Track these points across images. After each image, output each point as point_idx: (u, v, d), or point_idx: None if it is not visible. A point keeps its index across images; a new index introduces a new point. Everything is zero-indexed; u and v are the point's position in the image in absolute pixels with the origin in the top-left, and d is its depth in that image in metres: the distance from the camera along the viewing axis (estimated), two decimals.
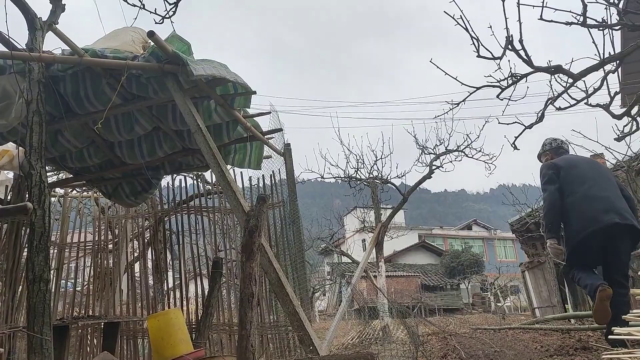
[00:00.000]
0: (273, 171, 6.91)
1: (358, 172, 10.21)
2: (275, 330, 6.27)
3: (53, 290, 6.72)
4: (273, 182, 6.84)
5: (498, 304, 30.71)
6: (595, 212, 4.38)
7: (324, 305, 32.88)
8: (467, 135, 9.76)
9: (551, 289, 13.33)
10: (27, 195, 4.79)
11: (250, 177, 6.89)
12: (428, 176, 9.52)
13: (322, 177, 10.47)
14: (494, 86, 4.71)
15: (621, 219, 4.32)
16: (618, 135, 5.36)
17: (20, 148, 5.60)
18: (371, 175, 10.18)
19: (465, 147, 9.77)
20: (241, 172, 7.04)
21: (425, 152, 9.95)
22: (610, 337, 3.62)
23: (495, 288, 32.17)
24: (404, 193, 9.88)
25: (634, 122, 5.25)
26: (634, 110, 5.31)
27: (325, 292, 32.14)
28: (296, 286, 6.36)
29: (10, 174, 6.06)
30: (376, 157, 10.24)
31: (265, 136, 6.19)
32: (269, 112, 5.92)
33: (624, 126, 5.33)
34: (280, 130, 6.31)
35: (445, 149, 9.89)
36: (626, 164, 8.11)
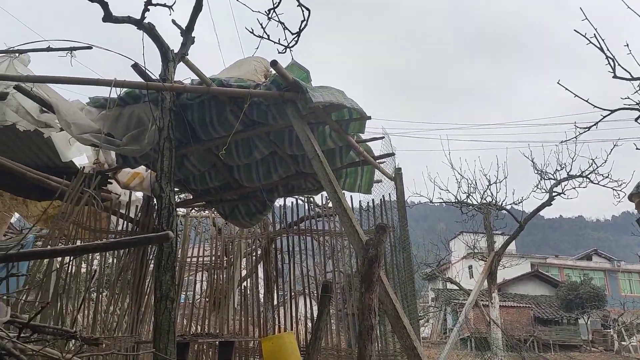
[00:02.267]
0: (383, 196, 6.83)
1: (470, 197, 9.83)
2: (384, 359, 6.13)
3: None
4: (383, 206, 6.76)
5: (622, 343, 27.92)
6: None
7: (427, 332, 31.89)
8: (593, 160, 9.04)
9: None
10: (155, 216, 5.11)
11: (360, 201, 6.87)
12: (548, 203, 8.93)
13: (431, 202, 10.20)
14: (632, 109, 4.30)
15: None
16: None
17: (149, 171, 6.02)
18: (484, 201, 9.74)
19: (590, 173, 9.06)
20: (351, 196, 7.05)
21: (545, 177, 9.36)
22: None
23: (619, 325, 29.31)
24: (521, 220, 9.33)
25: None
26: None
27: (429, 318, 31.18)
28: (406, 315, 6.18)
29: (140, 195, 6.52)
30: (489, 182, 9.81)
31: (377, 161, 6.15)
32: (382, 137, 5.87)
33: None
34: (393, 154, 6.24)
35: (567, 174, 9.22)
36: None
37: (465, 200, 9.92)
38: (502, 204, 9.60)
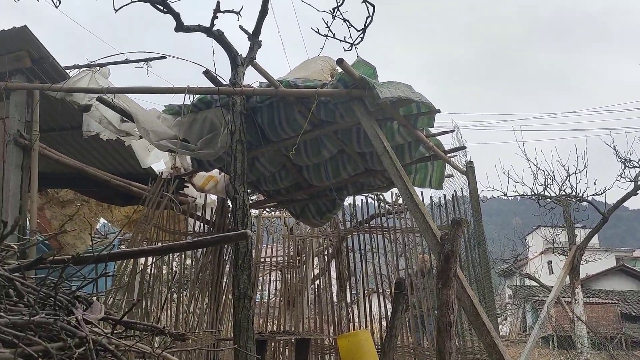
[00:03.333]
0: (455, 190, 6.68)
1: (547, 189, 9.40)
2: (463, 357, 5.99)
3: None
4: (455, 201, 6.61)
5: None
6: None
7: (505, 330, 30.86)
8: None
9: None
10: (229, 217, 5.26)
11: (431, 197, 6.74)
12: (633, 193, 8.39)
13: (506, 195, 9.86)
14: None
15: None
16: None
17: (223, 174, 6.21)
18: (563, 193, 9.28)
19: None
20: (421, 192, 6.95)
21: (629, 165, 8.79)
22: None
23: None
24: (604, 212, 8.83)
25: None
26: None
27: (507, 316, 30.17)
28: (484, 312, 6.02)
29: (215, 197, 6.74)
30: (568, 172, 9.34)
31: (447, 155, 6.02)
32: (453, 130, 5.75)
33: None
34: (464, 148, 6.09)
35: None
36: None
37: (543, 193, 9.51)
38: (582, 195, 9.12)
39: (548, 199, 9.67)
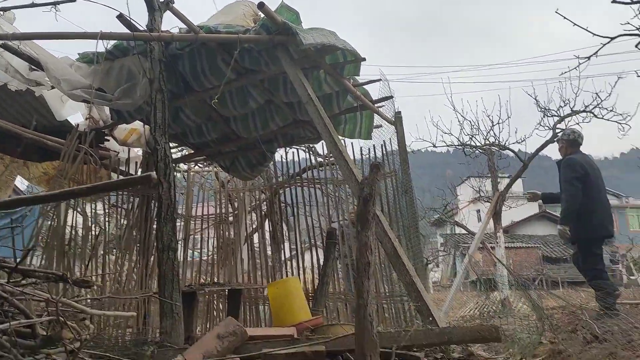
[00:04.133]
0: (384, 141, 6.77)
1: (473, 139, 9.73)
2: (391, 300, 6.23)
3: (181, 259, 7.22)
4: (384, 151, 6.71)
5: (631, 277, 28.29)
6: (607, 220, 5.84)
7: (437, 277, 32.42)
8: (597, 94, 8.86)
9: None
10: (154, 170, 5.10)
11: (360, 148, 6.82)
12: (551, 140, 8.83)
13: (434, 146, 10.12)
14: (632, 34, 4.17)
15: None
16: None
17: (146, 126, 5.98)
18: (487, 142, 9.64)
19: (594, 108, 8.90)
20: (352, 143, 7.03)
21: (548, 114, 9.21)
22: None
23: (627, 260, 29.62)
24: (524, 160, 9.26)
25: None
26: None
27: (439, 263, 31.63)
28: (410, 257, 6.24)
29: (139, 151, 6.52)
30: (492, 122, 9.67)
31: (375, 105, 6.07)
32: (379, 80, 5.78)
33: None
34: (391, 97, 6.15)
35: (571, 110, 9.06)
36: None
37: (469, 142, 9.84)
38: (505, 143, 9.52)
39: (473, 148, 10.02)
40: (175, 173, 5.25)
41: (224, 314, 6.49)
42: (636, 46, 4.25)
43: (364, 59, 4.88)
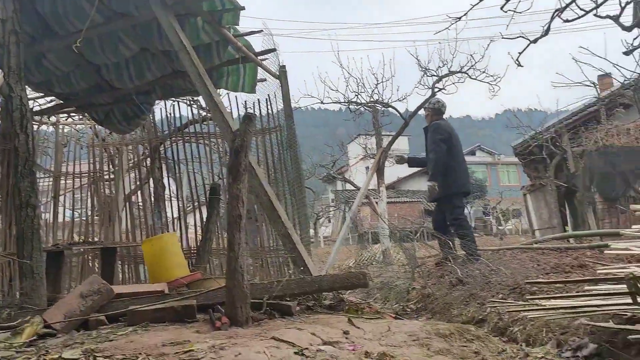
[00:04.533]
0: (269, 95, 6.69)
1: (359, 96, 9.94)
2: (275, 254, 6.30)
3: (52, 219, 6.74)
4: (269, 106, 6.64)
5: (500, 227, 31.13)
6: (466, 178, 6.77)
7: (329, 232, 33.42)
8: (471, 55, 9.40)
9: (551, 210, 13.38)
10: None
11: (245, 102, 6.69)
12: (430, 98, 9.25)
13: (322, 102, 10.21)
14: None
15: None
16: (627, 49, 5.10)
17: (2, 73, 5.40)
18: (372, 100, 9.89)
19: (468, 69, 9.44)
20: (236, 97, 6.87)
21: (428, 74, 9.62)
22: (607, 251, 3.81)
23: (497, 212, 32.50)
24: (406, 118, 9.65)
25: None
26: None
27: (330, 218, 32.58)
28: (295, 211, 6.33)
29: None
30: (377, 80, 9.93)
31: (259, 58, 5.94)
32: (261, 31, 5.64)
33: (634, 39, 5.06)
34: (274, 50, 6.04)
35: (449, 70, 9.54)
36: (634, 83, 7.82)
37: (355, 100, 10.03)
38: (388, 101, 9.83)
39: (359, 105, 10.25)
40: (32, 122, 4.82)
41: (99, 275, 6.21)
42: (501, 8, 4.50)
43: (243, 8, 4.72)
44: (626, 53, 5.09)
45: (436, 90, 9.55)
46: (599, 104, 11.98)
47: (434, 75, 9.63)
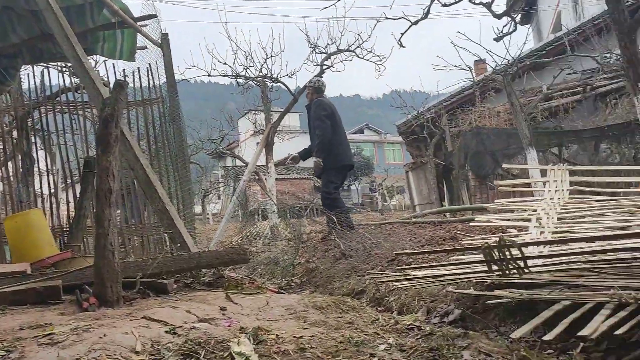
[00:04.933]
0: (150, 64, 6.34)
1: (247, 70, 9.75)
2: (156, 231, 6.06)
3: None
4: (150, 76, 6.28)
5: (385, 203, 32.58)
6: (349, 153, 7.02)
7: (218, 208, 32.94)
8: (359, 34, 9.57)
9: (430, 187, 14.21)
10: None
11: (123, 70, 6.27)
12: (319, 75, 9.32)
13: (209, 75, 9.90)
14: None
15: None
16: (497, 35, 5.47)
17: None
18: (261, 74, 9.76)
19: (356, 47, 9.61)
20: (113, 65, 6.43)
21: (317, 51, 9.66)
22: (472, 223, 4.09)
23: (382, 188, 33.96)
24: (295, 94, 9.64)
25: (513, 22, 5.34)
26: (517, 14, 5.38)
27: (220, 195, 32.10)
28: (177, 186, 6.12)
29: None
30: (266, 55, 9.79)
31: (139, 24, 5.60)
32: None
33: (503, 26, 5.42)
34: (155, 16, 5.72)
35: (337, 48, 9.65)
36: (503, 69, 8.42)
37: (243, 73, 9.84)
38: (277, 76, 9.76)
39: (247, 79, 10.08)
40: None
41: None
42: None
43: None
44: (496, 39, 5.46)
45: (325, 67, 9.64)
46: (474, 88, 12.81)
47: (323, 53, 9.70)
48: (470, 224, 4.44)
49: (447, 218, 7.94)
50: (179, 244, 3.27)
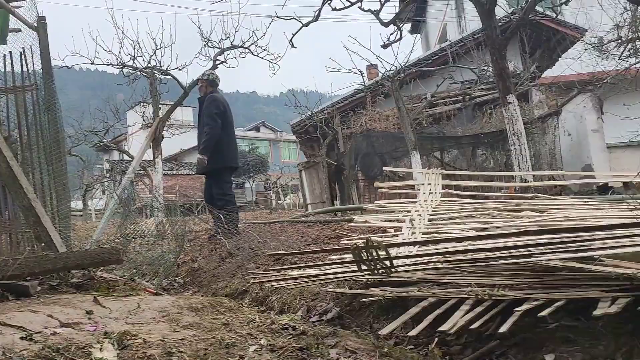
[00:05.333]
0: (24, 48, 5.84)
1: (135, 60, 9.29)
2: (27, 228, 5.59)
3: None
4: (24, 61, 5.79)
5: (279, 202, 32.73)
6: (236, 154, 6.85)
7: (102, 204, 31.20)
8: (254, 32, 9.50)
9: (323, 186, 14.47)
10: None
11: None
12: (213, 68, 9.13)
13: (92, 63, 9.30)
14: None
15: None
16: (384, 42, 5.69)
17: None
18: (149, 65, 9.35)
19: (250, 44, 9.53)
20: None
21: (210, 45, 9.44)
22: (351, 224, 4.25)
23: (277, 187, 34.09)
24: (185, 87, 9.36)
25: (399, 31, 5.59)
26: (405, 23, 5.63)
27: (105, 190, 30.42)
28: (51, 180, 5.68)
29: None
30: (156, 45, 9.40)
31: (11, 4, 5.15)
32: None
33: (390, 34, 5.66)
34: None
35: (231, 43, 9.50)
36: (391, 75, 8.79)
37: (131, 63, 9.37)
38: (167, 69, 9.40)
39: (134, 70, 9.62)
40: None
41: None
42: None
43: None
44: (384, 46, 5.69)
45: (218, 62, 9.46)
46: (366, 92, 13.24)
47: (217, 48, 9.51)
48: (349, 224, 4.59)
49: (335, 218, 8.13)
50: (44, 244, 3.04)
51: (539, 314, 1.96)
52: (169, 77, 9.53)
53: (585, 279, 2.18)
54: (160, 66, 9.23)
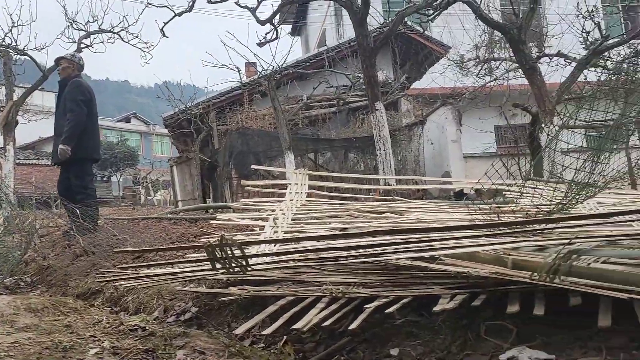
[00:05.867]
0: None
1: None
2: None
3: None
4: None
5: (148, 197, 31.36)
6: (98, 145, 6.59)
7: None
8: (125, 17, 8.97)
9: (195, 183, 14.11)
10: None
11: None
12: (79, 51, 8.46)
13: None
14: None
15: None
16: (260, 41, 5.68)
17: None
18: (3, 43, 8.42)
19: (121, 30, 8.99)
20: None
21: (75, 27, 8.74)
22: (215, 221, 4.23)
23: (147, 182, 32.64)
24: (44, 71, 8.58)
25: (276, 31, 5.61)
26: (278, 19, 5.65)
27: None
28: None
29: None
30: (13, 22, 8.49)
31: None
32: None
33: (267, 33, 5.66)
34: None
35: (99, 27, 8.88)
36: (268, 74, 8.79)
37: None
38: (24, 48, 8.54)
39: None
40: None
41: None
42: None
43: None
44: (259, 44, 5.66)
45: (83, 46, 8.81)
46: (243, 89, 13.14)
47: (82, 30, 8.85)
48: (213, 222, 4.54)
49: (203, 215, 7.96)
50: None
51: (386, 311, 2.06)
52: (25, 57, 8.67)
53: (430, 277, 2.33)
54: (17, 45, 8.38)
